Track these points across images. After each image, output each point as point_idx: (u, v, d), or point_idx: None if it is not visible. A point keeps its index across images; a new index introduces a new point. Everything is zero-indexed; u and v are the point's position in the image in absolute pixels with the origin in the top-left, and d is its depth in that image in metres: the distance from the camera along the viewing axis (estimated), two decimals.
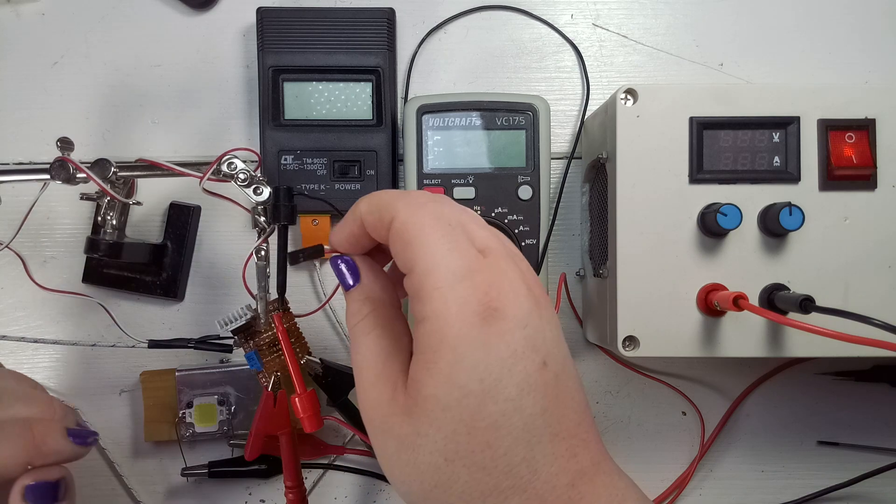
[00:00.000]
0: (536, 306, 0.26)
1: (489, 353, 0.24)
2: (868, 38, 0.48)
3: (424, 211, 0.26)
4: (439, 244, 0.25)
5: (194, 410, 0.44)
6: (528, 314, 0.25)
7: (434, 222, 0.26)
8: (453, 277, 0.25)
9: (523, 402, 0.24)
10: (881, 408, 0.47)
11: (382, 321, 0.28)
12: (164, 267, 0.46)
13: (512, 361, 0.24)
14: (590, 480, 0.25)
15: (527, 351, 0.25)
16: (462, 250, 0.25)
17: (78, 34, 0.47)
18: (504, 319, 0.25)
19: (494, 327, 0.24)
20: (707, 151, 0.38)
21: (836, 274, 0.37)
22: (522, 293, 0.25)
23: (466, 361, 0.24)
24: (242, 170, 0.39)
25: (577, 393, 0.26)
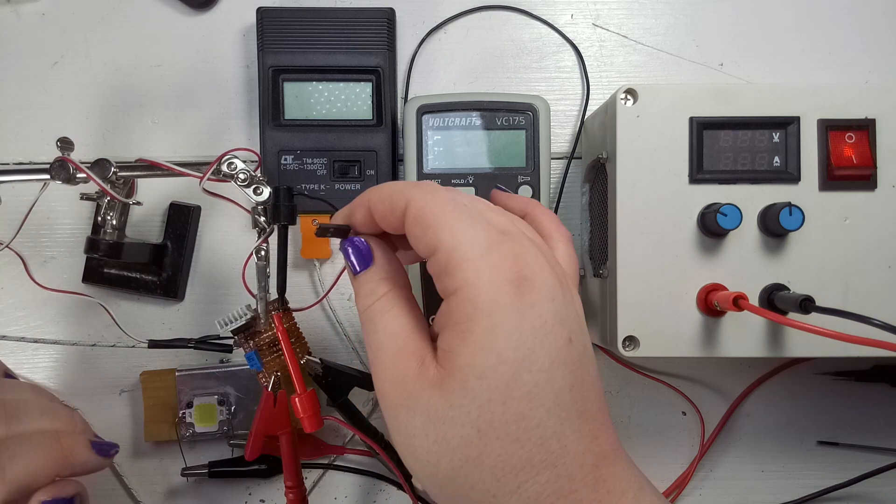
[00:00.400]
0: (560, 283, 0.26)
1: (523, 322, 0.24)
2: (868, 38, 0.48)
3: (439, 195, 0.26)
4: (461, 222, 0.25)
5: (194, 410, 0.44)
6: (554, 289, 0.25)
7: (451, 204, 0.26)
8: (481, 248, 0.25)
9: (555, 374, 0.24)
10: (881, 408, 0.47)
11: (401, 300, 0.28)
12: (164, 267, 0.46)
13: (543, 332, 0.24)
14: (611, 464, 0.25)
15: (555, 324, 0.25)
16: (483, 226, 0.25)
17: (78, 34, 0.47)
18: (534, 290, 0.24)
19: (527, 297, 0.24)
20: (707, 151, 0.38)
21: (836, 274, 0.37)
22: (547, 268, 0.25)
23: (502, 328, 0.24)
24: (242, 170, 0.39)
25: (596, 378, 0.27)
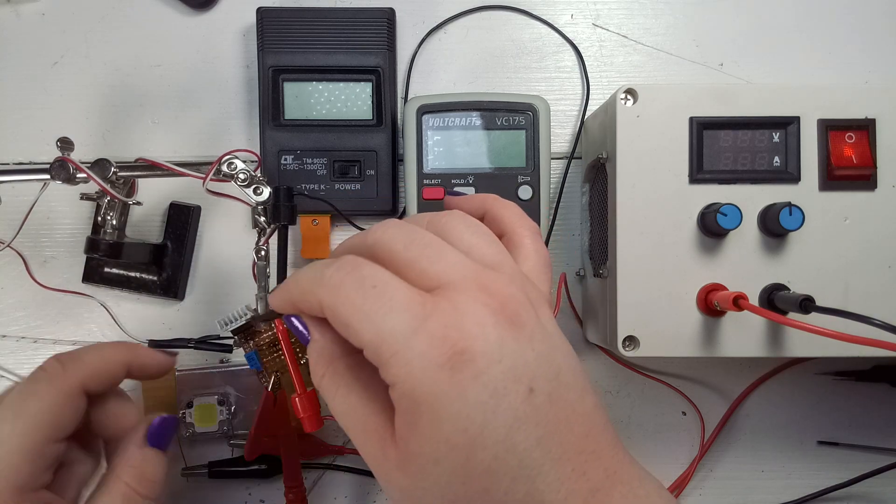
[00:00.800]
0: (511, 328, 0.24)
1: (466, 402, 0.23)
2: (868, 38, 0.48)
3: (344, 289, 0.25)
4: (374, 313, 0.24)
5: (194, 410, 0.44)
6: (501, 344, 0.24)
7: (359, 295, 0.24)
8: (403, 337, 0.23)
9: (515, 439, 0.23)
10: (881, 408, 0.47)
11: (344, 378, 0.27)
12: (164, 267, 0.46)
13: (494, 402, 0.23)
14: (605, 495, 0.24)
15: (508, 385, 0.23)
16: (401, 306, 0.24)
17: (78, 34, 0.47)
18: (473, 360, 0.23)
19: (465, 372, 0.23)
20: (707, 151, 0.38)
21: (836, 274, 0.37)
22: (489, 323, 0.24)
23: (445, 415, 0.23)
24: (242, 170, 0.39)
25: (579, 402, 0.25)
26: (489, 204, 0.32)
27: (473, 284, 0.25)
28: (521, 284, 0.26)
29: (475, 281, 0.25)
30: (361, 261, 0.25)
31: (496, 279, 0.25)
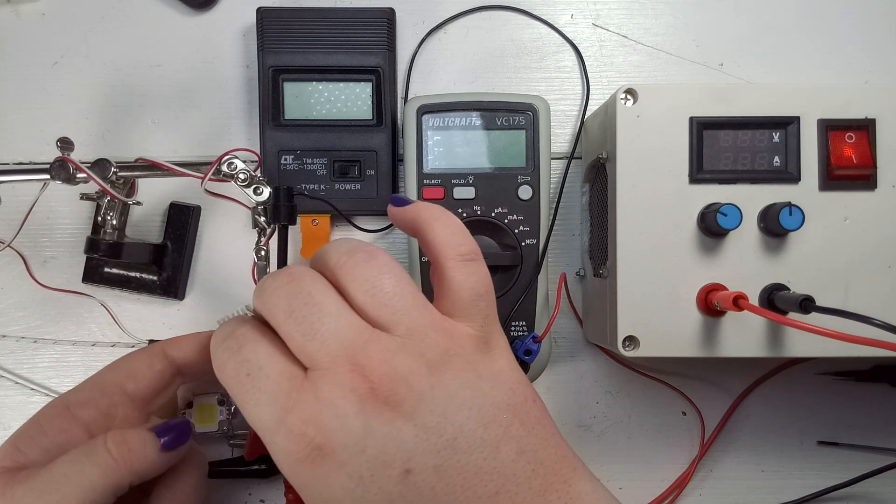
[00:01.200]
0: (382, 411, 0.24)
1: (333, 490, 0.23)
2: (868, 38, 0.48)
3: (226, 373, 0.25)
4: (246, 403, 0.25)
5: (194, 410, 0.44)
6: (365, 434, 0.23)
7: (235, 382, 0.25)
8: (269, 431, 0.24)
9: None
10: (881, 408, 0.47)
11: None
12: (164, 267, 0.46)
13: (362, 489, 0.23)
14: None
15: (376, 471, 0.23)
16: (267, 398, 0.24)
17: (78, 34, 0.47)
18: (333, 453, 0.23)
19: (326, 465, 0.23)
20: (707, 151, 0.38)
21: (836, 274, 0.37)
22: (352, 412, 0.23)
23: (317, 500, 0.24)
24: (242, 170, 0.39)
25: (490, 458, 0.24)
26: (418, 222, 0.29)
27: (345, 365, 0.24)
28: (415, 346, 0.25)
29: (348, 359, 0.24)
30: (244, 338, 0.26)
31: (376, 352, 0.25)
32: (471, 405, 0.25)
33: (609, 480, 0.47)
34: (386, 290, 0.26)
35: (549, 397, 0.47)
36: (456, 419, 0.24)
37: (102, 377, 0.34)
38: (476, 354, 0.26)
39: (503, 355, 0.28)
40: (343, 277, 0.26)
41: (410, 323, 0.26)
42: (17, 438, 0.32)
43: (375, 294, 0.26)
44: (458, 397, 0.25)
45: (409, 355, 0.25)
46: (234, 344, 0.26)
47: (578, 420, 0.47)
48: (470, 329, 0.27)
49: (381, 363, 0.24)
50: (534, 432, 0.26)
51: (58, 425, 0.32)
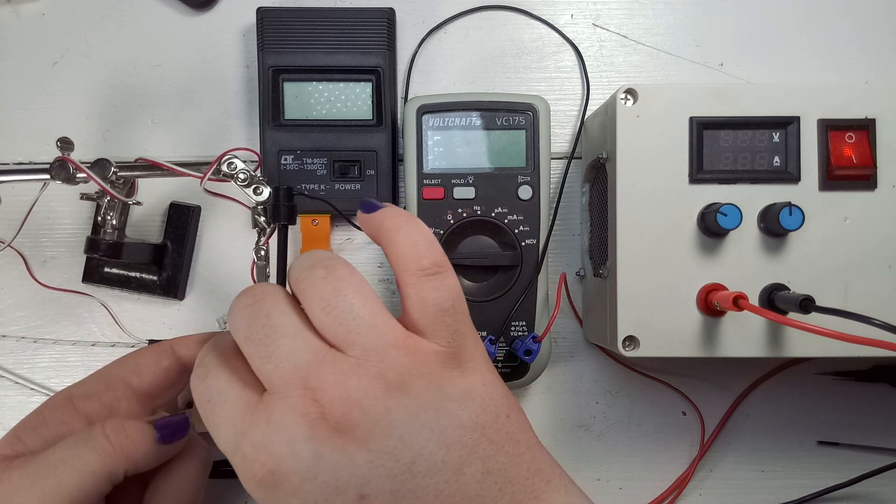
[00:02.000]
0: (333, 437, 0.24)
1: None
2: (868, 38, 0.48)
3: (196, 397, 0.27)
4: (211, 425, 0.26)
5: (194, 410, 0.44)
6: (316, 460, 0.23)
7: (202, 407, 0.26)
8: (229, 454, 0.25)
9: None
10: (881, 408, 0.47)
11: None
12: (164, 267, 0.46)
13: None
14: None
15: (330, 496, 0.23)
16: (226, 421, 0.25)
17: (78, 34, 0.47)
18: (286, 479, 0.23)
19: (280, 490, 0.23)
20: (707, 151, 0.38)
21: (836, 274, 0.37)
22: (302, 438, 0.23)
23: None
24: (242, 170, 0.39)
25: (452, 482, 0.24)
26: (380, 231, 0.28)
27: (297, 389, 0.24)
28: (373, 366, 0.24)
29: (301, 383, 0.24)
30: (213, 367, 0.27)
31: (329, 374, 0.24)
32: (432, 427, 0.24)
33: (609, 480, 0.47)
34: (342, 308, 0.25)
35: (549, 397, 0.47)
36: (415, 443, 0.24)
37: (108, 371, 0.34)
38: (443, 372, 0.25)
39: (476, 369, 0.27)
40: (302, 294, 0.26)
41: (369, 342, 0.25)
42: (18, 428, 0.32)
43: (331, 311, 0.25)
44: (418, 419, 0.24)
45: (364, 377, 0.24)
46: (202, 371, 0.27)
47: (578, 420, 0.47)
48: (436, 346, 0.26)
49: (334, 386, 0.24)
50: (503, 450, 0.25)
51: (59, 417, 0.32)
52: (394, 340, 0.25)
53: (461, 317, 0.27)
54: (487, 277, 0.42)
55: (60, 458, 0.29)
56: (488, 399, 0.26)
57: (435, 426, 0.24)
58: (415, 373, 0.25)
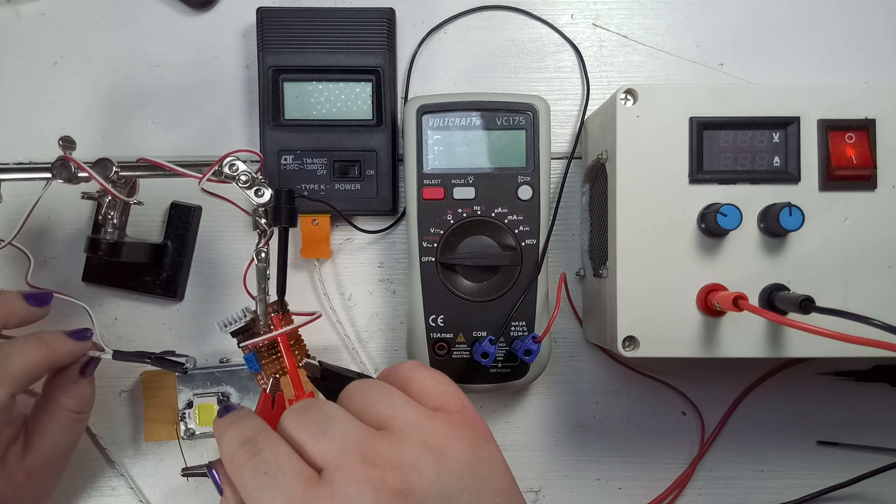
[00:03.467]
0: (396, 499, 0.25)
1: None
2: (868, 38, 0.48)
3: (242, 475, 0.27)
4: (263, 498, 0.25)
5: (194, 410, 0.44)
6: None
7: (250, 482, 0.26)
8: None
9: None
10: (881, 408, 0.47)
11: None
12: (165, 267, 0.46)
13: None
14: None
15: None
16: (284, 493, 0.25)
17: (78, 34, 0.47)
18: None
19: None
20: (707, 151, 0.38)
21: (836, 274, 0.37)
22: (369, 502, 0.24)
23: None
24: (244, 171, 0.39)
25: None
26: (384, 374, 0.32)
27: (355, 458, 0.26)
28: (417, 434, 0.27)
29: (358, 454, 0.26)
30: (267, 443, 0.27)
31: (383, 446, 0.26)
32: (471, 489, 0.26)
33: (609, 480, 0.47)
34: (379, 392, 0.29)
35: (549, 397, 0.47)
36: (463, 497, 0.26)
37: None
38: (470, 436, 0.28)
39: (491, 439, 0.29)
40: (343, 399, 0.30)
41: (409, 415, 0.28)
42: None
43: (370, 398, 0.29)
44: (461, 482, 0.26)
45: (413, 444, 0.26)
46: (252, 448, 0.27)
47: (578, 420, 0.47)
48: (456, 414, 0.29)
49: (390, 454, 0.26)
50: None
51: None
52: (426, 413, 0.28)
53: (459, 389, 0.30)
54: (487, 277, 0.42)
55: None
56: (506, 468, 0.29)
57: (472, 488, 0.26)
58: (451, 437, 0.27)
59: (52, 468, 0.40)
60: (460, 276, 0.42)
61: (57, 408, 0.39)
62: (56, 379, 0.40)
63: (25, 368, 0.36)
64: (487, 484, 0.27)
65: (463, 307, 0.42)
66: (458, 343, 0.42)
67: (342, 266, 0.47)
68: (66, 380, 0.40)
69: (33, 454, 0.39)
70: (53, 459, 0.39)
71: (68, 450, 0.41)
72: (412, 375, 0.30)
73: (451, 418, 0.28)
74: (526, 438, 0.47)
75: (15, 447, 0.39)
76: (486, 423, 0.30)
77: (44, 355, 0.37)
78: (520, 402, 0.47)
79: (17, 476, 0.38)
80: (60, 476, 0.41)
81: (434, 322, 0.42)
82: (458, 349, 0.42)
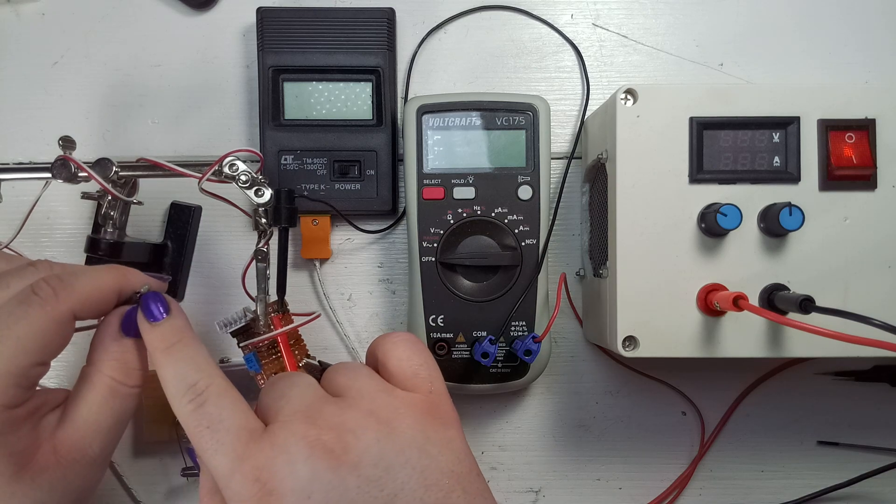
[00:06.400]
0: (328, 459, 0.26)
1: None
2: (868, 38, 0.48)
3: (191, 418, 0.28)
4: (205, 452, 0.27)
5: None
6: (312, 479, 0.25)
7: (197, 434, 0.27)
8: (224, 478, 0.26)
9: None
10: (881, 408, 0.47)
11: None
12: (165, 267, 0.46)
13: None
14: None
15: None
16: (226, 447, 0.27)
17: (78, 34, 0.47)
18: (282, 498, 0.25)
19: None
20: (707, 151, 0.38)
21: (836, 274, 0.37)
22: (301, 458, 0.26)
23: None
24: (244, 171, 0.39)
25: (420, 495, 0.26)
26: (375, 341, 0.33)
27: (300, 417, 0.27)
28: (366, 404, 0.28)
29: (304, 414, 0.27)
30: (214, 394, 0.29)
31: (329, 409, 0.28)
32: (415, 465, 0.27)
33: (609, 480, 0.47)
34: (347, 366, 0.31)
35: (548, 397, 0.47)
36: (399, 476, 0.26)
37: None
38: (426, 418, 0.28)
39: (454, 426, 0.30)
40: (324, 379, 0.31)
41: (364, 386, 0.29)
42: None
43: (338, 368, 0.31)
44: (403, 455, 0.27)
45: (358, 411, 0.28)
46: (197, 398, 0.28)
47: (578, 420, 0.47)
48: (419, 395, 0.29)
49: (332, 416, 0.27)
50: (475, 502, 0.28)
51: None
52: (384, 386, 0.29)
53: (435, 374, 0.31)
54: (487, 277, 0.42)
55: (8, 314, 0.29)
56: (464, 454, 0.29)
57: (417, 464, 0.27)
58: (402, 413, 0.28)
59: (84, 452, 0.31)
60: (460, 276, 0.42)
61: (96, 372, 0.32)
62: (98, 335, 0.33)
63: (92, 287, 0.31)
64: (436, 463, 0.27)
65: (463, 307, 0.42)
66: (458, 343, 0.42)
67: (342, 266, 0.47)
68: (105, 336, 0.32)
69: (65, 427, 0.31)
70: (86, 440, 0.31)
71: (107, 432, 0.32)
72: (391, 352, 0.31)
73: (412, 399, 0.29)
74: (526, 438, 0.47)
75: (55, 412, 0.32)
76: (455, 411, 0.30)
77: (113, 278, 0.32)
78: (520, 402, 0.47)
79: (44, 447, 0.30)
80: (96, 468, 0.32)
81: (434, 322, 0.42)
82: (458, 349, 0.42)
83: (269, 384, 0.30)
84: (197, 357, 0.30)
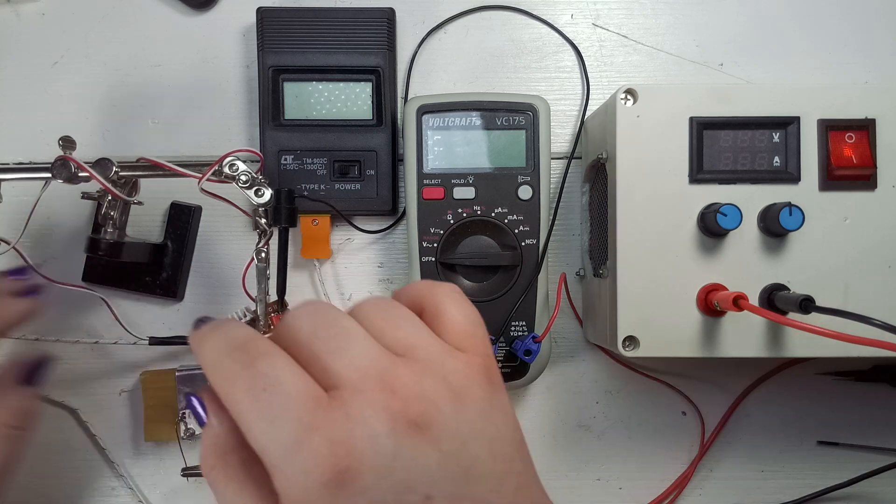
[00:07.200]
0: (412, 433, 0.23)
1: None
2: (868, 38, 0.48)
3: (236, 386, 0.23)
4: (261, 419, 0.22)
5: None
6: (395, 455, 0.22)
7: (248, 396, 0.23)
8: (286, 451, 0.22)
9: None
10: (881, 408, 0.47)
11: (237, 474, 0.25)
12: (164, 267, 0.46)
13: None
14: None
15: (400, 496, 0.22)
16: (289, 414, 0.22)
17: (78, 34, 0.47)
18: (361, 477, 0.22)
19: (350, 489, 0.22)
20: (707, 151, 0.38)
21: (836, 274, 0.37)
22: (383, 432, 0.22)
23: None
24: (244, 171, 0.39)
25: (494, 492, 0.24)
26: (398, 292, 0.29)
27: (375, 384, 0.23)
28: (438, 370, 0.25)
29: (378, 379, 0.23)
30: (261, 353, 0.24)
31: (404, 373, 0.24)
32: (485, 436, 0.25)
33: (609, 480, 0.47)
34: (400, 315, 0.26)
35: (549, 397, 0.47)
36: (472, 448, 0.24)
37: None
38: (488, 385, 0.26)
39: (504, 389, 0.28)
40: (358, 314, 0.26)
41: (432, 347, 0.25)
42: None
43: (390, 318, 0.26)
44: (475, 426, 0.25)
45: (435, 379, 0.24)
46: (247, 358, 0.24)
47: (578, 420, 0.47)
48: (478, 358, 0.26)
49: (412, 383, 0.24)
50: (529, 471, 0.27)
51: None
52: (450, 350, 0.26)
53: (487, 337, 0.28)
54: (487, 277, 0.42)
55: None
56: (516, 419, 0.27)
57: (486, 435, 0.25)
58: (472, 381, 0.25)
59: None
60: (460, 276, 0.42)
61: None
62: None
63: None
64: (501, 433, 0.25)
65: None
66: None
67: (342, 266, 0.47)
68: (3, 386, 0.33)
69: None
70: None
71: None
72: (443, 306, 0.27)
73: (472, 361, 0.26)
74: (526, 438, 0.47)
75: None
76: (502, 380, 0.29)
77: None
78: (520, 402, 0.47)
79: None
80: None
81: None
82: None
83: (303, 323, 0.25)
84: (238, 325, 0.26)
